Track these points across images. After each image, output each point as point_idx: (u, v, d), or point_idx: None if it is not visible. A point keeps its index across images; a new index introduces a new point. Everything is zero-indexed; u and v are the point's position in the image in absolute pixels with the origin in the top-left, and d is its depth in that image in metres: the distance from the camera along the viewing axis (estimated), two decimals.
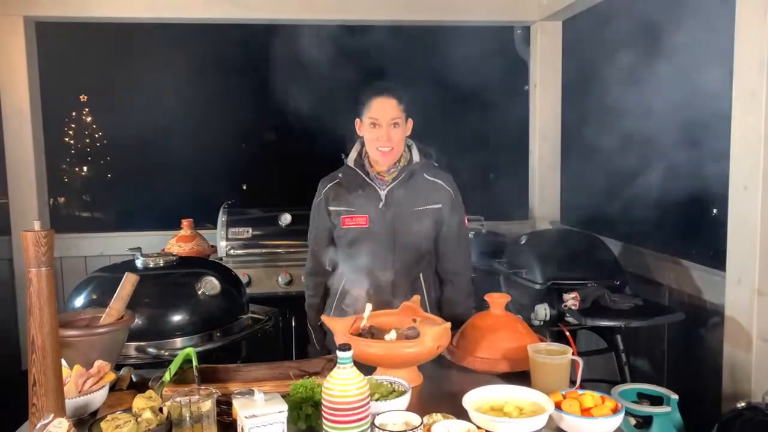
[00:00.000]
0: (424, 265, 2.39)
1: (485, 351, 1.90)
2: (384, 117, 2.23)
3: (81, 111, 7.92)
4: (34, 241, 1.35)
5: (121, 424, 1.39)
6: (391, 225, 2.29)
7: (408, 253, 2.32)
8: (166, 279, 2.46)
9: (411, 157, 2.36)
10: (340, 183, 2.37)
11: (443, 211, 2.34)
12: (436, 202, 2.33)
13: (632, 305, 2.65)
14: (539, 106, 4.15)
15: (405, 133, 2.31)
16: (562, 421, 1.49)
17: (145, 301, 2.21)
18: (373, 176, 2.33)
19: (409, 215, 2.30)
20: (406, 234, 2.30)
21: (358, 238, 2.31)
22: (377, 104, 2.25)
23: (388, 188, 2.31)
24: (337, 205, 2.35)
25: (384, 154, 2.27)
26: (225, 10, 3.76)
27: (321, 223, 2.41)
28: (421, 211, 2.31)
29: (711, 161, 2.51)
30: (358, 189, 2.32)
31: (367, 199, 2.31)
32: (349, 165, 2.38)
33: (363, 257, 2.28)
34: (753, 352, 2.24)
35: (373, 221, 2.29)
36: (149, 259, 2.53)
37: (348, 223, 2.31)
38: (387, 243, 2.30)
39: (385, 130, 2.24)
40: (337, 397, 1.33)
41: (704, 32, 2.49)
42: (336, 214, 2.35)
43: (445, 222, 2.36)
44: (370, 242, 2.29)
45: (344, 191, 2.35)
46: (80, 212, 8.06)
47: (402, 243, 2.30)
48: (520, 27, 4.26)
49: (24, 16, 3.66)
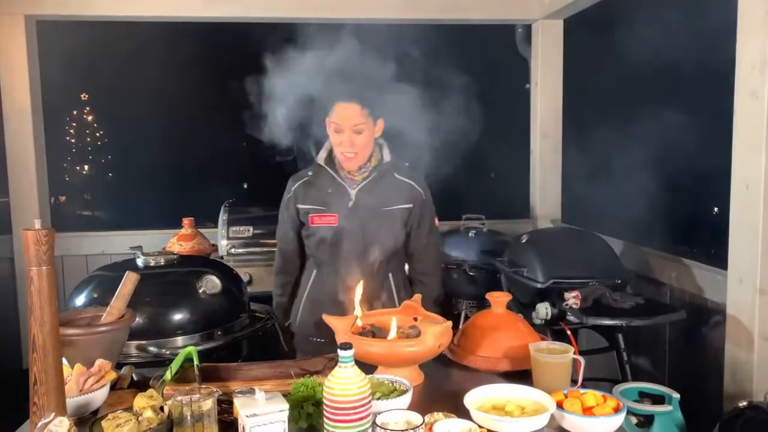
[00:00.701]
0: (393, 265, 2.37)
1: (487, 350, 1.90)
2: (346, 123, 2.20)
3: (82, 110, 7.92)
4: (35, 240, 1.35)
5: (121, 423, 1.39)
6: (360, 224, 2.27)
7: (377, 253, 2.29)
8: (167, 278, 2.46)
9: (382, 156, 2.34)
10: (310, 181, 2.34)
11: (414, 211, 2.32)
12: (407, 202, 2.31)
13: (633, 304, 2.65)
14: (540, 105, 4.14)
15: (372, 136, 2.27)
16: (564, 420, 1.49)
17: (146, 299, 2.21)
18: (343, 175, 2.31)
19: (379, 215, 2.27)
20: (375, 233, 2.27)
21: (326, 237, 2.29)
22: (339, 110, 2.22)
23: (358, 187, 2.29)
24: (307, 203, 2.32)
25: (348, 159, 2.25)
26: (225, 9, 3.76)
27: (289, 220, 2.38)
28: (391, 211, 2.29)
29: (713, 160, 2.50)
30: (328, 187, 2.30)
31: (336, 198, 2.28)
32: (319, 163, 2.35)
33: (331, 256, 2.28)
34: (755, 351, 2.24)
35: (342, 220, 2.27)
36: (150, 258, 2.53)
37: (317, 221, 2.28)
38: (356, 242, 2.27)
39: (347, 135, 2.20)
40: (339, 396, 1.33)
41: (705, 30, 2.49)
42: (305, 212, 2.32)
43: (416, 222, 2.34)
44: (339, 241, 2.27)
45: (314, 189, 2.32)
46: (81, 211, 8.07)
47: (371, 242, 2.28)
48: (522, 25, 4.25)
49: (25, 14, 3.66)
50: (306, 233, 2.34)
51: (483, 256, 3.68)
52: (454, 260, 3.78)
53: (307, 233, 2.34)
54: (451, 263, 3.79)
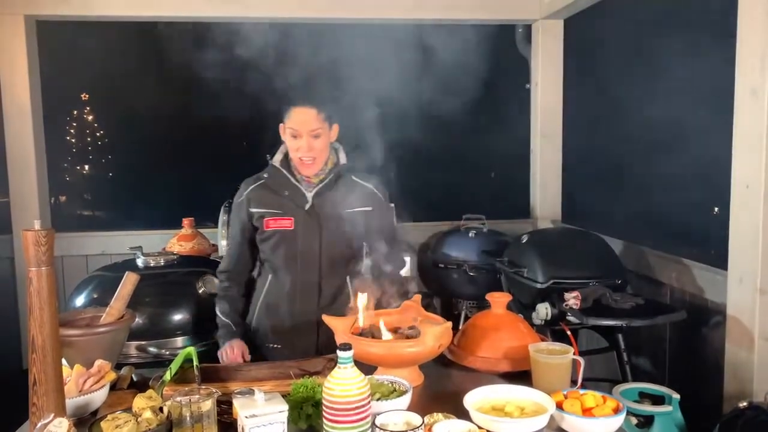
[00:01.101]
0: (353, 270, 2.31)
1: (486, 350, 1.90)
2: (303, 128, 2.15)
3: (82, 110, 7.92)
4: (34, 241, 1.35)
5: (121, 423, 1.39)
6: (317, 228, 2.21)
7: (335, 257, 2.24)
8: (167, 278, 2.47)
9: (338, 159, 2.29)
10: (265, 184, 2.27)
11: (373, 213, 2.27)
12: (365, 205, 2.26)
13: (634, 304, 2.64)
14: (540, 105, 4.14)
15: (329, 140, 2.23)
16: (564, 421, 1.49)
17: (146, 300, 2.22)
18: (299, 178, 2.25)
19: (337, 218, 2.22)
20: (333, 237, 2.22)
21: (282, 241, 2.22)
22: (296, 115, 2.16)
23: (315, 190, 2.23)
24: (261, 206, 2.25)
25: (306, 165, 2.20)
26: (225, 9, 3.76)
27: (239, 224, 2.30)
28: (349, 214, 2.23)
29: (713, 160, 2.50)
30: (283, 190, 2.23)
31: (292, 201, 2.22)
32: (274, 165, 2.28)
33: (287, 260, 2.21)
34: (755, 351, 2.24)
35: (298, 224, 2.21)
36: (150, 258, 2.54)
37: (272, 225, 2.22)
38: (313, 246, 2.21)
39: (305, 140, 2.15)
40: (338, 397, 1.33)
41: (705, 30, 2.49)
42: (259, 216, 2.24)
43: (376, 224, 2.29)
44: (295, 245, 2.21)
45: (269, 193, 2.25)
46: (81, 211, 8.07)
47: (329, 246, 2.22)
48: (522, 25, 4.25)
49: (25, 14, 3.67)
50: (261, 238, 2.26)
51: (483, 256, 3.68)
52: (454, 260, 3.78)
53: (262, 237, 2.26)
54: (451, 263, 3.79)
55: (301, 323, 2.21)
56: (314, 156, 2.18)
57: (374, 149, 2.27)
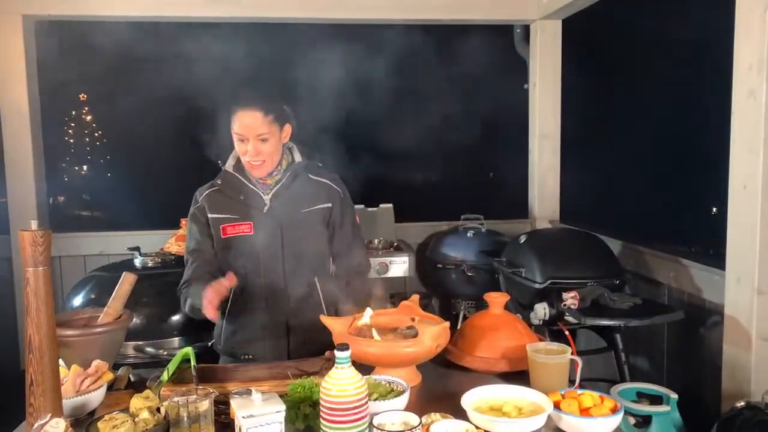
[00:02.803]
0: (318, 269, 2.24)
1: (484, 350, 1.90)
2: (249, 133, 2.06)
3: (81, 110, 7.91)
4: (31, 241, 1.35)
5: (118, 424, 1.39)
6: (277, 230, 2.14)
7: (299, 258, 2.16)
8: (165, 278, 2.46)
9: (293, 158, 2.22)
10: (220, 190, 2.19)
11: (334, 210, 2.22)
12: (325, 202, 2.20)
13: (632, 304, 2.65)
14: (539, 105, 4.14)
15: (280, 142, 2.15)
16: (561, 421, 1.49)
17: (144, 300, 2.22)
18: (254, 181, 2.17)
19: (297, 217, 2.16)
20: (295, 238, 2.15)
21: (242, 247, 2.13)
22: (241, 118, 2.07)
23: (272, 192, 2.15)
24: (217, 213, 2.16)
25: (256, 167, 2.12)
26: (225, 9, 3.76)
27: (200, 232, 2.19)
28: (310, 212, 2.17)
29: (711, 160, 2.51)
30: (239, 195, 2.15)
31: (250, 205, 2.14)
32: (228, 171, 2.21)
33: (250, 266, 2.13)
34: (752, 351, 2.24)
35: (258, 228, 2.13)
36: (148, 259, 2.54)
37: (230, 231, 2.13)
38: (275, 249, 2.14)
39: (252, 144, 2.06)
40: (336, 397, 1.33)
41: (703, 30, 2.49)
42: (215, 223, 2.15)
43: (337, 222, 2.23)
44: (256, 250, 2.13)
45: (224, 198, 2.17)
46: (80, 211, 8.06)
47: (291, 247, 2.15)
48: (520, 26, 4.25)
49: (23, 14, 3.66)
50: (220, 246, 2.17)
51: (481, 256, 3.68)
52: (453, 260, 3.78)
53: (221, 246, 2.16)
54: (450, 263, 3.79)
55: (270, 329, 2.16)
56: (263, 159, 2.10)
57: (374, 150, 2.27)
